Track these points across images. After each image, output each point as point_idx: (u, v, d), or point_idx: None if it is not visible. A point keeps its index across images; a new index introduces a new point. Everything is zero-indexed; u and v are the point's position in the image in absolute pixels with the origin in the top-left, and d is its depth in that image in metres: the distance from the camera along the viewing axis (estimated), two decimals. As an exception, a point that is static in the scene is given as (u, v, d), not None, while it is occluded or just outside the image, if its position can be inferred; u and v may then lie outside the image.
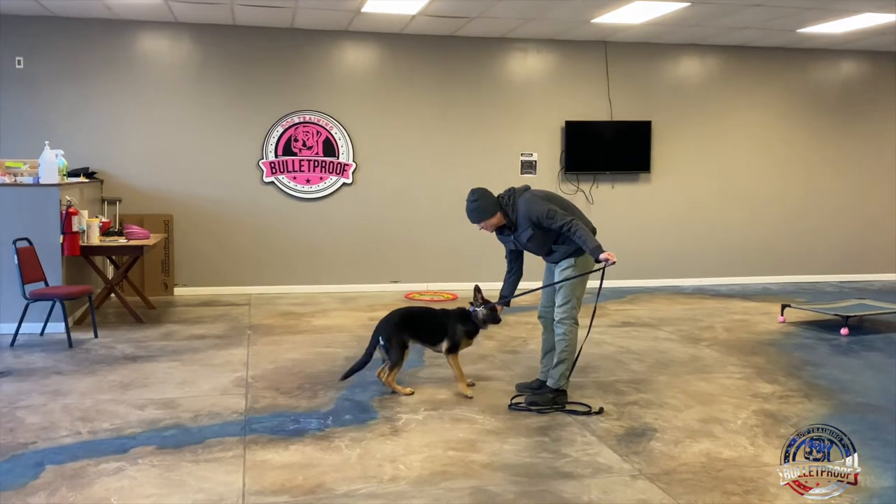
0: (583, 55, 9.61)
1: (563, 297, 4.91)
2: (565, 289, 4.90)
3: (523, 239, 4.94)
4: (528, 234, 4.90)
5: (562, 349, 4.88)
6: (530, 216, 4.84)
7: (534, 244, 4.95)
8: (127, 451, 4.13)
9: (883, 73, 10.42)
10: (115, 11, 8.12)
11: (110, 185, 8.57)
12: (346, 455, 4.11)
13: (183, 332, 7.01)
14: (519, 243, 5.03)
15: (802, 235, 10.37)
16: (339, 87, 9.08)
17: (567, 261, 4.90)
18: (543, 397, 4.89)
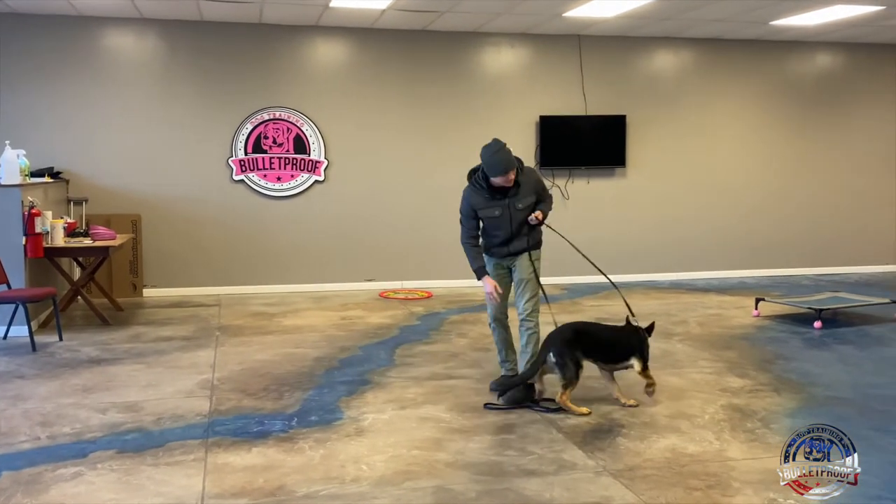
0: (556, 49, 9.57)
1: (532, 291, 4.94)
2: (532, 283, 4.93)
3: (520, 205, 4.87)
4: (528, 200, 4.90)
5: (535, 343, 4.91)
6: (538, 182, 4.99)
7: (523, 215, 4.90)
8: (86, 455, 4.05)
9: (857, 64, 10.44)
10: (79, 8, 7.99)
11: (76, 184, 8.44)
12: (309, 456, 4.04)
13: (150, 333, 6.91)
14: (509, 210, 4.88)
15: (778, 228, 10.38)
16: (310, 83, 8.99)
17: (535, 252, 4.98)
18: (520, 392, 4.87)
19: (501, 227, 4.93)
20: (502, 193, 4.89)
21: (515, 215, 4.90)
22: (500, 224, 4.93)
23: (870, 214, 10.67)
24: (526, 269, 4.94)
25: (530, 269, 4.93)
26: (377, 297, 8.70)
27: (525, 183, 4.90)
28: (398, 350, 6.30)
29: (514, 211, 4.89)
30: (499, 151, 4.81)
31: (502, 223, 4.92)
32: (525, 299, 4.95)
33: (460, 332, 6.94)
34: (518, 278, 5.01)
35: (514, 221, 4.91)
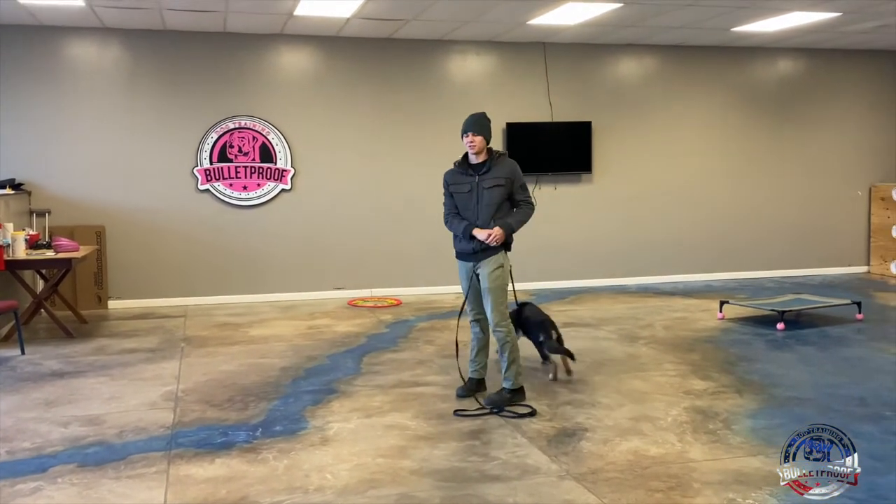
0: (522, 57, 9.63)
1: (496, 299, 4.95)
2: (496, 292, 4.94)
3: (487, 185, 4.93)
4: (497, 183, 4.93)
5: (510, 350, 4.96)
6: (514, 173, 4.99)
7: (489, 199, 4.93)
8: (46, 470, 4.00)
9: (818, 70, 10.62)
10: (39, 18, 7.90)
11: (38, 196, 8.34)
12: (272, 466, 4.03)
13: (114, 346, 6.83)
14: (476, 190, 4.96)
15: (743, 232, 10.51)
16: (275, 91, 8.96)
17: (494, 260, 4.94)
18: (502, 396, 4.94)
19: (468, 205, 5.00)
20: (475, 170, 4.98)
21: (482, 195, 4.94)
22: (467, 203, 5.00)
23: (832, 217, 10.84)
24: (488, 278, 4.94)
25: (493, 278, 4.93)
26: (346, 306, 8.67)
27: (499, 167, 4.96)
28: (365, 358, 6.29)
29: (482, 189, 4.94)
30: (474, 114, 5.04)
31: (469, 202, 4.99)
32: (491, 310, 4.97)
33: (428, 340, 6.95)
34: (482, 287, 5.01)
35: (481, 202, 4.95)
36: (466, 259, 5.08)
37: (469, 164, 5.04)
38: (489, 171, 4.96)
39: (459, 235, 5.04)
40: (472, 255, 5.01)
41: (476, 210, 4.98)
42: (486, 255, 4.96)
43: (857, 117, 10.84)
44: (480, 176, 4.97)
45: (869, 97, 10.85)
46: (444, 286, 9.14)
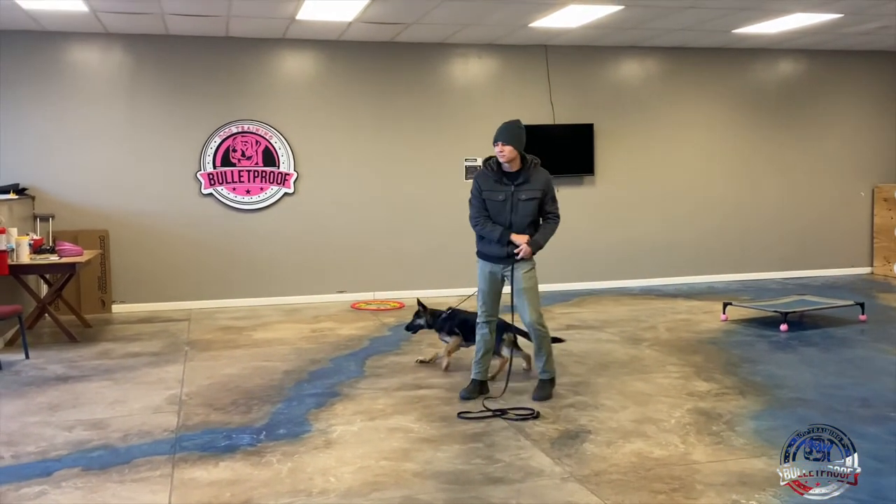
0: (523, 59, 9.64)
1: (533, 299, 5.10)
2: (533, 291, 5.10)
3: (524, 197, 4.99)
4: (533, 195, 5.00)
5: (548, 344, 5.18)
6: (548, 185, 5.07)
7: (525, 210, 5.00)
8: (51, 474, 4.02)
9: (820, 71, 10.62)
10: (42, 23, 7.93)
11: (42, 201, 8.36)
12: (276, 469, 4.04)
13: (118, 350, 6.85)
14: (511, 199, 5.00)
15: (746, 233, 10.51)
16: (278, 95, 8.98)
17: (528, 262, 5.07)
18: (549, 389, 5.16)
19: (502, 213, 5.04)
20: (510, 179, 5.02)
21: (517, 205, 5.00)
22: (501, 211, 5.05)
23: (834, 218, 10.83)
24: (523, 279, 5.06)
25: (528, 278, 5.06)
26: (349, 309, 8.68)
27: (535, 179, 5.02)
28: (368, 361, 6.30)
29: (517, 200, 5.00)
30: (506, 122, 5.07)
31: (503, 210, 5.04)
32: (529, 309, 5.09)
33: (431, 343, 6.92)
34: (517, 288, 5.09)
35: (515, 212, 5.01)
36: (495, 262, 5.14)
37: (503, 171, 5.05)
38: (525, 182, 5.01)
39: (494, 240, 5.08)
40: (505, 258, 5.08)
41: (510, 219, 5.04)
42: (518, 258, 5.06)
43: (858, 118, 10.84)
44: (516, 186, 5.01)
45: (871, 98, 10.85)
46: (447, 289, 9.14)
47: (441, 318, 6.08)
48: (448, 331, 6.02)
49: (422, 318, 6.16)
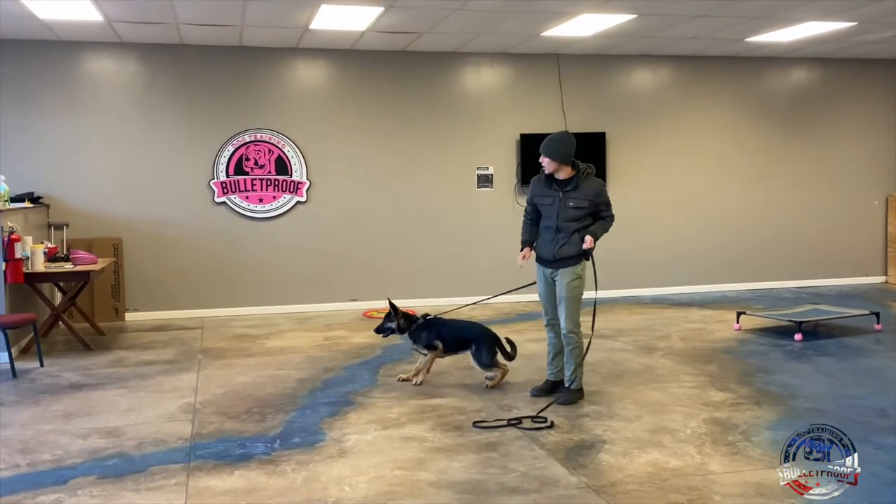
0: (536, 68, 9.65)
1: (574, 307, 5.23)
2: (574, 300, 5.23)
3: (572, 203, 5.11)
4: (581, 203, 5.12)
5: (577, 356, 5.26)
6: (598, 195, 5.18)
7: (569, 216, 5.13)
8: (66, 482, 4.02)
9: (832, 79, 10.59)
10: (58, 33, 7.99)
11: (57, 209, 8.41)
12: (291, 478, 4.03)
13: (132, 358, 6.87)
14: (559, 204, 5.13)
15: (759, 242, 10.47)
16: (291, 104, 9.02)
17: (573, 270, 5.19)
18: (572, 396, 5.24)
19: (550, 217, 5.20)
20: (560, 186, 5.15)
21: (564, 211, 5.13)
22: (549, 214, 5.21)
23: (848, 227, 10.78)
24: (565, 288, 5.19)
25: (570, 288, 5.18)
26: (361, 317, 8.69)
27: (585, 187, 5.13)
28: (381, 370, 6.29)
29: (564, 207, 5.13)
30: (553, 135, 5.24)
31: (551, 214, 5.19)
32: (564, 317, 5.22)
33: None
34: (558, 296, 5.25)
35: (562, 217, 5.13)
36: (545, 265, 5.31)
37: (554, 178, 5.19)
38: (574, 189, 5.13)
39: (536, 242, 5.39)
40: (553, 262, 5.24)
41: (556, 223, 5.18)
42: (564, 265, 5.20)
43: (872, 126, 10.79)
44: (565, 192, 5.14)
45: (884, 106, 10.80)
46: (460, 297, 9.12)
47: (416, 325, 5.78)
48: (426, 343, 5.75)
49: (392, 321, 5.80)
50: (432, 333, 5.77)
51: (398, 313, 5.82)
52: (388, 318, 5.86)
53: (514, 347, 5.85)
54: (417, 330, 5.78)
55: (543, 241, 5.30)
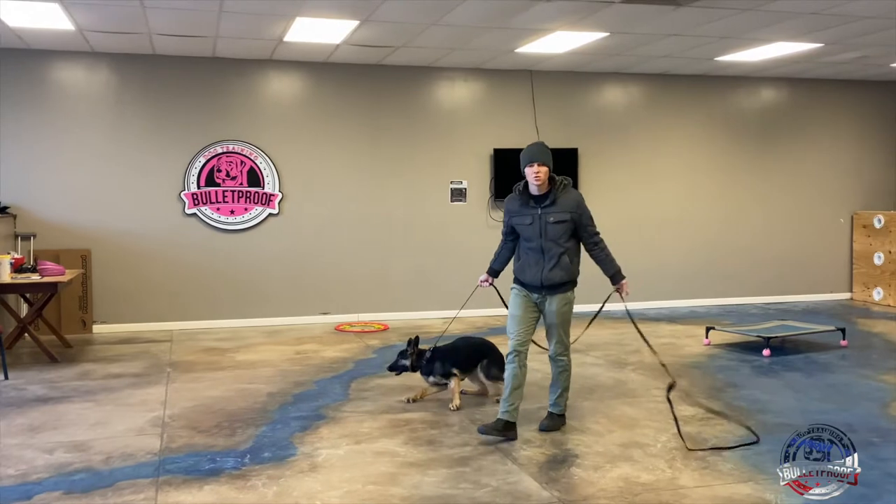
0: (509, 84, 9.71)
1: (564, 333, 4.99)
2: (565, 325, 4.98)
3: (552, 219, 4.79)
4: (563, 217, 4.81)
5: (565, 379, 5.05)
6: (579, 206, 4.88)
7: (554, 233, 4.81)
8: (31, 497, 3.96)
9: (800, 99, 10.77)
10: (27, 41, 7.90)
11: (24, 219, 8.28)
12: (261, 493, 4.00)
13: (99, 371, 6.77)
14: (539, 222, 4.81)
15: (728, 259, 10.59)
16: (264, 116, 8.98)
17: (565, 297, 4.91)
18: (557, 422, 5.01)
19: (532, 238, 4.85)
20: (537, 202, 4.82)
21: (546, 228, 4.80)
22: (530, 235, 4.86)
23: (815, 244, 10.94)
24: (556, 314, 4.92)
25: (563, 313, 4.94)
26: (333, 331, 8.65)
27: (563, 200, 4.82)
28: (353, 384, 6.26)
29: (545, 223, 4.80)
30: (534, 144, 4.96)
31: (532, 234, 4.84)
32: (555, 342, 4.99)
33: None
34: (548, 322, 4.96)
35: (545, 235, 4.81)
36: (531, 290, 4.94)
37: (530, 195, 4.86)
38: (553, 203, 4.80)
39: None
40: (540, 288, 4.89)
41: (540, 243, 4.84)
42: (555, 291, 4.89)
43: (838, 146, 10.99)
44: (543, 209, 4.81)
45: (851, 126, 11.01)
46: (432, 311, 9.14)
47: (426, 360, 5.66)
48: (442, 373, 5.62)
49: (407, 358, 5.71)
50: (447, 363, 5.63)
51: (415, 350, 5.70)
52: (403, 354, 5.77)
53: None
54: (429, 363, 5.65)
55: (527, 265, 4.91)
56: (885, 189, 11.17)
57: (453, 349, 5.77)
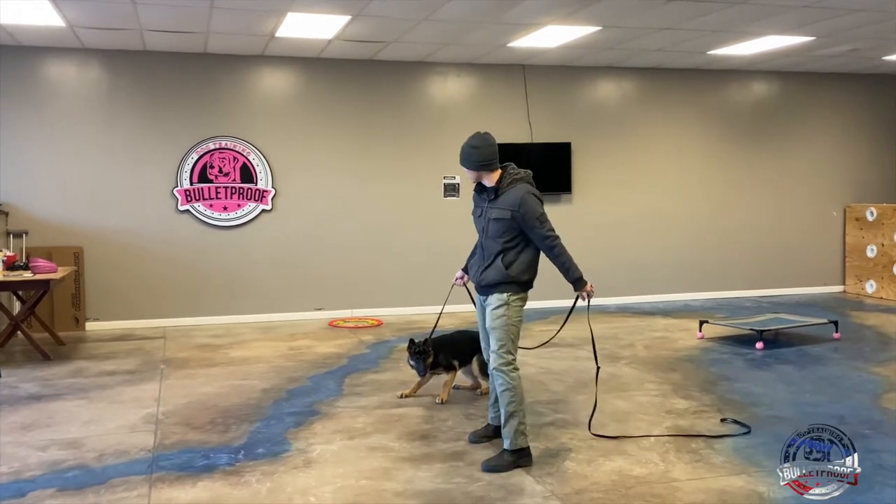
0: (502, 78, 9.71)
1: (498, 339, 4.29)
2: (499, 331, 4.29)
3: (493, 215, 4.29)
4: (502, 215, 4.27)
5: (508, 401, 4.24)
6: (522, 205, 4.23)
7: (493, 231, 4.31)
8: (24, 494, 3.95)
9: (793, 92, 10.79)
10: (18, 38, 7.87)
11: (16, 217, 8.26)
12: (255, 489, 3.99)
13: (92, 368, 6.75)
14: (484, 217, 4.37)
15: (721, 252, 10.61)
16: (257, 112, 8.96)
17: (499, 297, 4.30)
18: (502, 461, 4.23)
19: (480, 233, 4.46)
20: (487, 195, 4.38)
21: (488, 225, 4.34)
22: (479, 230, 4.46)
23: (807, 237, 10.98)
24: (492, 317, 4.31)
25: (496, 316, 4.29)
26: (326, 327, 8.64)
27: (506, 196, 4.27)
28: (347, 379, 6.26)
29: (488, 220, 4.34)
30: (466, 142, 4.39)
31: (479, 229, 4.45)
32: (492, 348, 4.35)
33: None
34: (487, 325, 4.38)
35: (487, 233, 4.35)
36: (479, 292, 4.50)
37: (484, 186, 4.43)
38: (496, 198, 4.32)
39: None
40: (479, 287, 4.46)
41: (482, 240, 4.44)
42: (491, 291, 4.36)
43: (831, 138, 11.02)
44: (490, 203, 4.35)
45: (843, 119, 11.04)
46: (425, 307, 9.13)
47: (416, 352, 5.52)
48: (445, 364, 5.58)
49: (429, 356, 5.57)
50: (448, 355, 5.60)
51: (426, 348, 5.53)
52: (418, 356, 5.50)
53: None
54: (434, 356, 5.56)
55: (473, 264, 4.53)
56: (878, 182, 11.20)
57: (452, 341, 5.75)
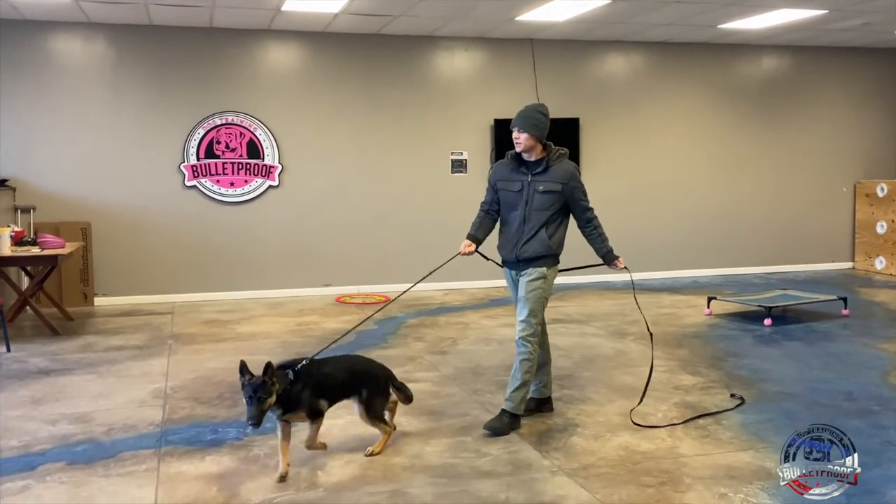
0: (510, 53, 9.63)
1: (531, 310, 4.44)
2: (533, 301, 4.44)
3: (541, 188, 4.42)
4: (553, 188, 4.43)
5: (526, 370, 4.42)
6: (571, 177, 4.46)
7: (540, 203, 4.44)
8: (35, 468, 3.97)
9: (803, 67, 10.68)
10: (23, 12, 7.83)
11: (23, 192, 8.26)
12: (263, 464, 4.01)
13: (101, 343, 6.78)
14: (527, 189, 4.46)
15: (729, 228, 10.56)
16: (263, 87, 8.92)
17: (538, 270, 4.47)
18: (503, 422, 4.39)
19: (517, 205, 4.51)
20: (529, 169, 4.49)
21: (534, 197, 4.45)
22: (515, 202, 4.51)
23: (817, 214, 10.91)
24: (528, 287, 4.45)
25: (531, 287, 4.45)
26: (334, 303, 8.65)
27: (556, 170, 4.45)
28: (355, 355, 6.26)
29: (533, 192, 4.44)
30: (526, 107, 4.52)
31: (518, 202, 4.50)
32: (521, 317, 4.47)
33: (417, 336, 6.95)
34: (519, 295, 4.52)
35: (531, 205, 4.46)
36: (511, 267, 4.63)
37: (523, 160, 4.52)
38: (545, 171, 4.45)
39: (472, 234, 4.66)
40: (516, 263, 4.57)
41: (524, 212, 4.49)
42: (529, 264, 4.49)
43: (842, 114, 10.92)
44: (534, 176, 4.46)
45: (854, 94, 10.93)
46: (432, 283, 9.09)
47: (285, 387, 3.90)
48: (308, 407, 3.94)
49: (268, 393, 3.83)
50: (312, 391, 3.99)
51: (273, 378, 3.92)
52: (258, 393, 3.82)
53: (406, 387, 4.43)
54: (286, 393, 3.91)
55: (506, 240, 4.60)
56: (889, 158, 11.11)
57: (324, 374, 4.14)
